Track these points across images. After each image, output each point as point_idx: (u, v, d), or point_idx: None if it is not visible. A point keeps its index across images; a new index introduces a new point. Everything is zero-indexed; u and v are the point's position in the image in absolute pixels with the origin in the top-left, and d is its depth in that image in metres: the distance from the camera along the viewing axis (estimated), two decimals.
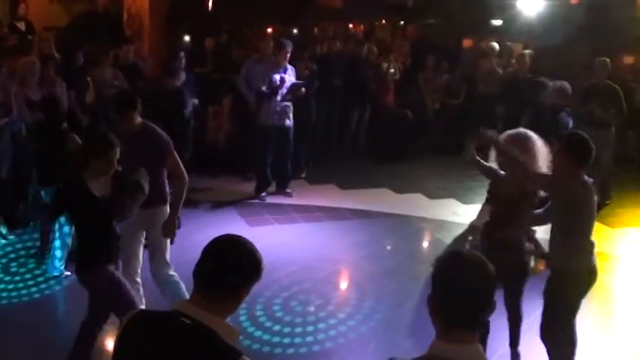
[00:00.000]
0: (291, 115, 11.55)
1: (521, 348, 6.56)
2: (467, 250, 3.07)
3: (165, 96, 10.21)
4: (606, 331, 7.69)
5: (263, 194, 11.62)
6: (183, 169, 6.80)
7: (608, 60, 11.94)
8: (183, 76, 11.11)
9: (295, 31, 18.38)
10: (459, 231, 10.37)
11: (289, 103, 11.47)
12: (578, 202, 5.84)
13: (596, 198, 6.05)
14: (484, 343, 5.87)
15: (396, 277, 8.72)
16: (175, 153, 6.80)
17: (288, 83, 11.35)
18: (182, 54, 12.07)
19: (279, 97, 11.30)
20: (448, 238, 10.16)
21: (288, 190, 11.87)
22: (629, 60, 15.98)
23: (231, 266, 3.14)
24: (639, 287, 8.93)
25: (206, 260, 3.15)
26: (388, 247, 10.04)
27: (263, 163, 11.65)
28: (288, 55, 11.43)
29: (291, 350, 6.93)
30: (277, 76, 11.30)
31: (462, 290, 2.89)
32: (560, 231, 5.96)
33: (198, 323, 3.04)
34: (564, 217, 5.88)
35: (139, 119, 6.76)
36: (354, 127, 14.59)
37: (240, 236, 3.26)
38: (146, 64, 13.19)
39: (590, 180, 5.96)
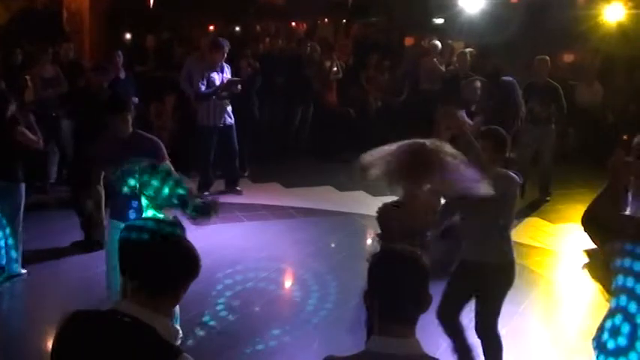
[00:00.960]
0: (231, 113, 11.51)
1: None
2: (400, 246, 3.08)
3: (94, 96, 9.88)
4: (549, 326, 7.78)
5: (206, 194, 11.53)
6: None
7: (548, 58, 12.11)
8: (122, 74, 10.96)
9: (237, 28, 18.30)
10: None
11: (227, 101, 11.43)
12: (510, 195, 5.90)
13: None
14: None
15: (340, 275, 8.72)
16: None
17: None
18: (119, 52, 11.91)
19: (215, 97, 11.26)
20: None
21: (238, 188, 11.82)
22: (569, 58, 16.22)
23: (169, 265, 3.13)
24: (581, 282, 9.05)
25: (143, 259, 3.14)
26: (332, 245, 10.04)
27: (205, 162, 11.58)
28: (225, 54, 11.40)
29: (235, 350, 6.89)
30: (215, 75, 11.27)
31: (396, 285, 2.92)
32: (496, 226, 5.99)
33: (136, 321, 3.01)
34: (499, 211, 5.92)
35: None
36: (298, 125, 14.56)
37: (177, 234, 3.25)
38: (87, 62, 13.03)
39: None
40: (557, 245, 10.22)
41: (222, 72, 11.40)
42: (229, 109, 11.52)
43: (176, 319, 6.03)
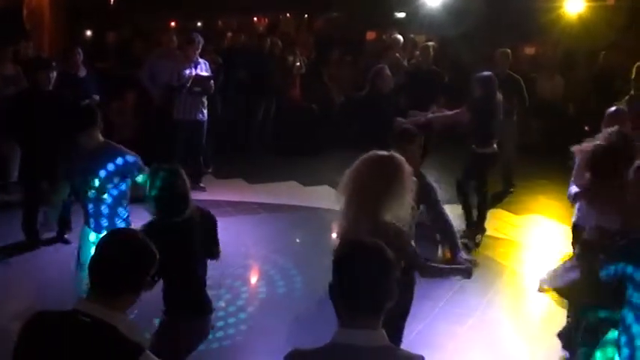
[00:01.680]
0: (204, 110, 11.49)
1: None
2: (365, 238, 3.09)
3: (40, 92, 9.52)
4: (514, 316, 7.83)
5: None
6: None
7: (509, 51, 12.18)
8: (82, 72, 10.83)
9: (199, 24, 18.22)
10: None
11: (202, 97, 11.40)
12: None
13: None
14: None
15: (306, 269, 8.71)
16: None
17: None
18: (79, 49, 11.76)
19: (186, 93, 11.22)
20: None
21: (201, 185, 11.75)
22: (530, 51, 16.34)
23: (126, 263, 3.14)
24: (544, 272, 9.11)
25: (100, 258, 3.14)
26: (297, 240, 10.03)
27: (173, 158, 11.52)
28: (199, 49, 11.37)
29: (202, 346, 6.84)
30: (188, 71, 11.23)
31: (361, 277, 2.92)
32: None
33: (97, 321, 3.00)
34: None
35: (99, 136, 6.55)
36: (261, 121, 14.51)
37: (132, 230, 3.26)
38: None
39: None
40: (520, 236, 10.30)
41: (196, 67, 11.37)
42: (204, 105, 11.50)
43: None
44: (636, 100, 9.94)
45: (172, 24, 17.41)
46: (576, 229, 6.84)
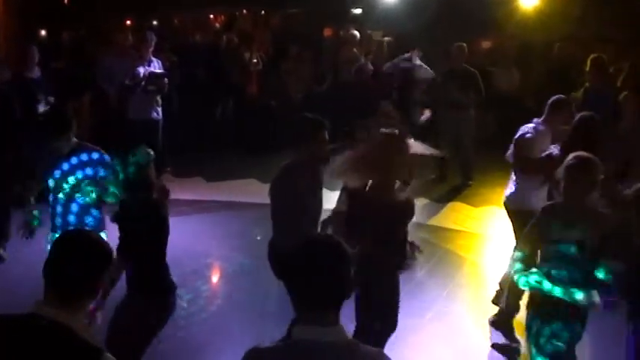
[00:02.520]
0: (158, 108, 11.42)
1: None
2: (321, 234, 3.10)
3: None
4: (474, 308, 7.87)
5: None
6: None
7: (465, 45, 12.26)
8: (37, 72, 10.69)
9: (155, 22, 18.08)
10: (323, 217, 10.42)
11: (156, 96, 11.33)
12: None
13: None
14: None
15: (266, 267, 8.66)
16: None
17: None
18: (34, 48, 11.62)
19: (141, 91, 11.14)
20: None
21: None
22: (486, 44, 16.43)
23: (80, 264, 3.09)
24: (504, 263, 9.18)
25: (54, 259, 3.10)
26: (258, 238, 9.97)
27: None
28: (152, 47, 11.30)
29: (163, 346, 6.79)
30: (141, 69, 11.14)
31: (318, 272, 2.91)
32: None
33: (54, 324, 2.96)
34: None
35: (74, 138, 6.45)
36: (218, 118, 14.44)
37: (86, 230, 3.23)
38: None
39: None
40: (480, 228, 10.38)
41: (149, 66, 11.30)
42: (158, 104, 11.42)
43: None
44: (591, 92, 10.07)
45: (128, 22, 17.24)
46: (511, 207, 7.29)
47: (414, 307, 7.33)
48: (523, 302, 6.67)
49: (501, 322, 7.18)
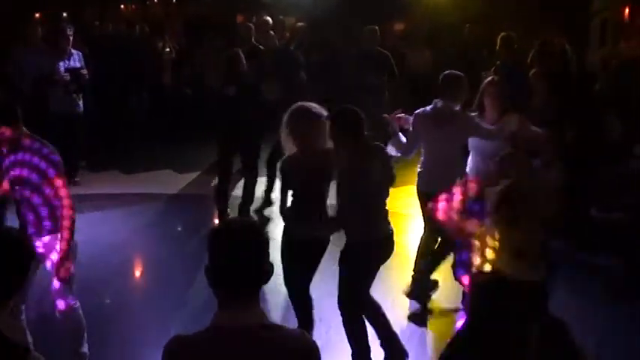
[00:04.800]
0: (79, 102, 11.25)
1: None
2: (238, 217, 3.12)
3: None
4: (400, 285, 7.94)
5: None
6: None
7: (376, 28, 12.36)
8: None
9: (65, 14, 17.72)
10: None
11: (76, 89, 11.17)
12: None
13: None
14: None
15: (189, 257, 8.65)
16: None
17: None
18: None
19: (62, 85, 10.99)
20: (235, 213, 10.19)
21: (76, 179, 11.49)
22: (399, 26, 16.58)
23: (3, 264, 3.04)
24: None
25: None
26: (179, 228, 9.94)
27: None
28: (71, 39, 11.12)
29: (88, 344, 6.72)
30: (62, 64, 10.98)
31: (235, 257, 2.92)
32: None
33: None
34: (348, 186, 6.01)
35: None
36: (133, 109, 14.26)
37: (8, 228, 3.18)
38: None
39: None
40: (399, 208, 10.43)
41: (69, 59, 11.12)
42: (79, 97, 11.28)
43: None
44: (503, 70, 10.27)
45: (37, 15, 16.86)
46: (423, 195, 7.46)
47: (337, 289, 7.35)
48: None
49: (415, 291, 7.43)
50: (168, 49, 14.43)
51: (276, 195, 9.67)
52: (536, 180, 5.57)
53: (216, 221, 10.34)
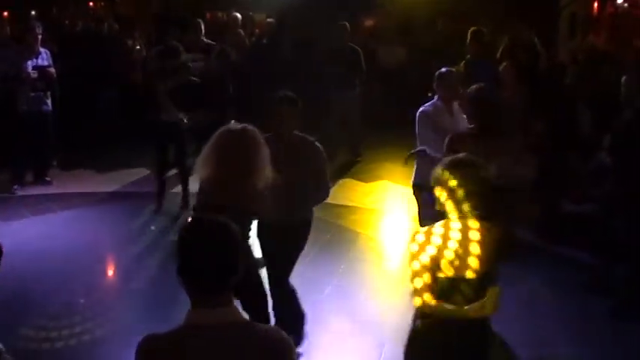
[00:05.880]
0: (48, 100, 11.18)
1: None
2: (207, 216, 3.09)
3: None
4: (370, 281, 7.99)
5: (16, 187, 11.07)
6: None
7: (347, 24, 12.41)
8: None
9: (33, 12, 17.58)
10: None
11: (44, 87, 11.09)
12: None
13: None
14: None
15: (161, 256, 8.65)
16: None
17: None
18: None
19: (30, 84, 10.91)
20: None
21: (47, 179, 11.42)
22: (369, 22, 16.61)
23: None
24: (397, 236, 9.36)
25: None
26: (152, 227, 9.90)
27: (19, 151, 11.17)
28: (40, 37, 11.05)
29: (59, 344, 6.69)
30: (30, 63, 10.90)
31: (205, 255, 2.91)
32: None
33: None
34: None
35: None
36: (104, 107, 14.16)
37: None
38: None
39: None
40: (371, 204, 10.52)
41: (37, 57, 11.04)
42: (47, 95, 11.21)
43: None
44: (472, 64, 10.32)
45: (5, 14, 16.70)
46: (417, 189, 7.27)
47: (311, 282, 7.38)
48: None
49: None
50: (138, 47, 14.33)
51: None
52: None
53: (190, 219, 10.30)
